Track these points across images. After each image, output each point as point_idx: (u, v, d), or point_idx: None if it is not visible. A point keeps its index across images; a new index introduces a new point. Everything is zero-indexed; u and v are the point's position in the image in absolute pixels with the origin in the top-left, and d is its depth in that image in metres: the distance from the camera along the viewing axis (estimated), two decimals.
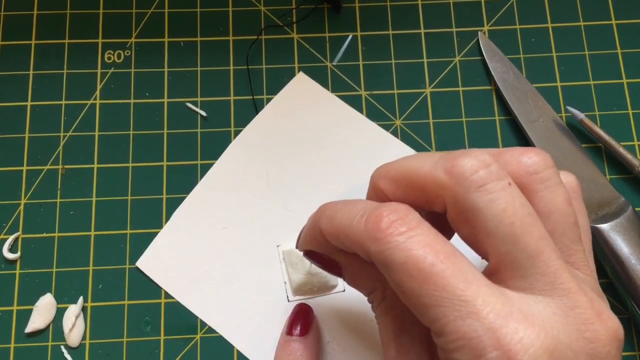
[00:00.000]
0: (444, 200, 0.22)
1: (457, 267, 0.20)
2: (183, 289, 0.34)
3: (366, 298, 0.26)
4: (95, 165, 0.36)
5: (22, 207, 0.36)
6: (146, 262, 0.35)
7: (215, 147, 0.37)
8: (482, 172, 0.21)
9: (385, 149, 0.36)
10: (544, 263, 0.21)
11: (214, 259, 0.35)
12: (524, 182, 0.23)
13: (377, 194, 0.25)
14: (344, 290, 0.34)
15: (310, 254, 0.28)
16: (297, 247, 0.28)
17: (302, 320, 0.32)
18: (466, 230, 0.22)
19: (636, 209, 0.34)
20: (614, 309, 0.35)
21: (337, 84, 0.38)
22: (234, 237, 0.35)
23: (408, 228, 0.21)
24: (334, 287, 0.34)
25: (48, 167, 0.36)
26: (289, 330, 0.32)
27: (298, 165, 0.36)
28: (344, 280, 0.27)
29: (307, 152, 0.36)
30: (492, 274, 0.22)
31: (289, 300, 0.34)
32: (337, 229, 0.23)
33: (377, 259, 0.21)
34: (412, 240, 0.21)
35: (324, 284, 0.34)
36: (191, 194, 0.36)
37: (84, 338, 0.34)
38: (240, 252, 0.35)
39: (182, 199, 0.36)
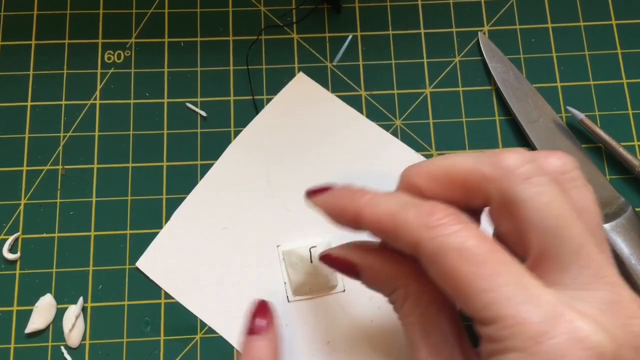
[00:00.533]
0: (487, 193, 0.23)
1: (510, 259, 0.21)
2: (183, 289, 0.34)
3: (366, 299, 0.26)
4: (95, 166, 0.36)
5: (22, 207, 0.36)
6: (146, 263, 0.35)
7: (215, 147, 0.37)
8: (528, 166, 0.22)
9: (385, 149, 0.36)
10: (587, 256, 0.21)
11: (214, 259, 0.35)
12: (556, 181, 0.23)
13: (410, 190, 0.25)
14: (344, 290, 0.34)
15: (326, 258, 0.28)
16: (307, 196, 0.28)
17: (260, 316, 0.31)
18: (508, 224, 0.23)
19: (636, 209, 0.34)
20: None
21: (337, 84, 0.38)
22: (234, 237, 0.35)
23: (461, 222, 0.22)
24: (334, 287, 0.34)
25: (48, 167, 0.36)
26: (249, 331, 0.30)
27: (298, 165, 0.36)
28: (362, 282, 0.27)
29: (307, 152, 0.36)
30: (532, 271, 0.22)
31: (289, 301, 0.34)
32: (383, 214, 0.23)
33: (428, 244, 0.21)
34: (467, 230, 0.21)
35: (324, 284, 0.34)
36: (191, 194, 0.36)
37: (84, 338, 0.34)
38: (240, 252, 0.35)
39: (182, 199, 0.36)
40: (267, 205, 0.35)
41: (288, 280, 0.34)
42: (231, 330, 0.34)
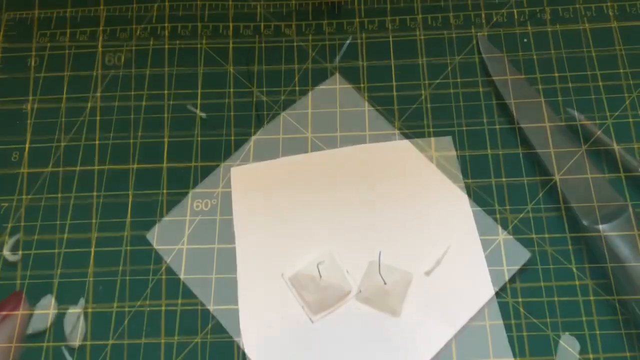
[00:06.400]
0: None
1: None
2: (189, 270, 0.34)
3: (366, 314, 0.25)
4: (96, 167, 0.36)
5: (23, 208, 0.36)
6: (154, 235, 0.35)
7: (215, 148, 0.37)
8: None
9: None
10: None
11: (225, 247, 0.35)
12: None
13: None
14: (360, 291, 0.34)
15: None
16: None
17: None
18: None
19: (636, 209, 0.34)
20: (614, 309, 0.35)
21: None
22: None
23: None
24: (350, 291, 0.34)
25: (49, 169, 0.36)
26: None
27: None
28: None
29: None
30: None
31: (312, 322, 0.33)
32: None
33: None
34: None
35: (339, 292, 0.33)
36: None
37: (84, 339, 0.34)
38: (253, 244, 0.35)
39: (182, 199, 0.36)
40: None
41: (304, 303, 0.34)
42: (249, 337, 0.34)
